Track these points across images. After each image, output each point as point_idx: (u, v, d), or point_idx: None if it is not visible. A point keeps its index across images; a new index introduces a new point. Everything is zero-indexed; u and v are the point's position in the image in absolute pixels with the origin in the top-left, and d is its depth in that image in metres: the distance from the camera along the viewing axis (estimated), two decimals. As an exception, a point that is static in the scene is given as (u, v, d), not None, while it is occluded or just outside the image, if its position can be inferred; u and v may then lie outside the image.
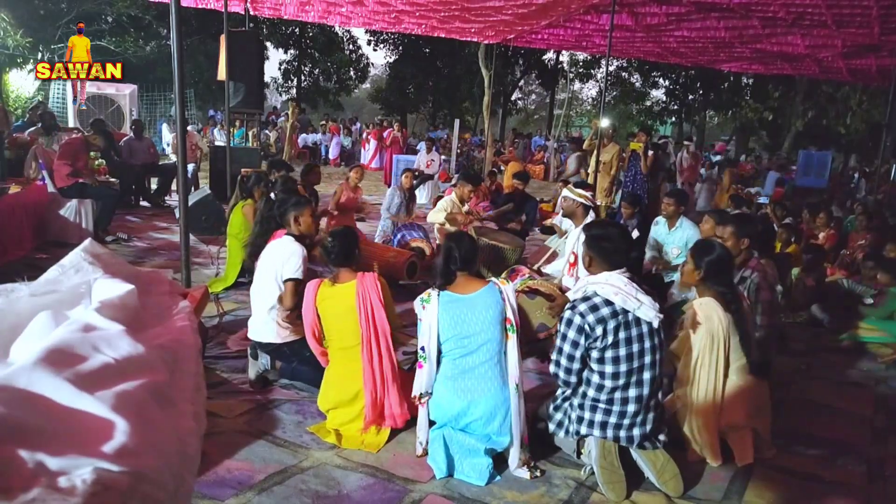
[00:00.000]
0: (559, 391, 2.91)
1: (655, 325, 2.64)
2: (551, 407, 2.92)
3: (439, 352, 2.83)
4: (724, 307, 2.96)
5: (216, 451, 2.71)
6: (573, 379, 2.73)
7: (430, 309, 2.82)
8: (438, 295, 2.83)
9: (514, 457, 2.76)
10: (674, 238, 5.17)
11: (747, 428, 3.03)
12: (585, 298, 2.68)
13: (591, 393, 2.72)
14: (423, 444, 2.86)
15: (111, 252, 1.33)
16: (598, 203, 8.24)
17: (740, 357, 3.02)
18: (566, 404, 2.85)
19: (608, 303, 2.63)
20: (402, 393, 3.01)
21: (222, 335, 4.07)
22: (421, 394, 2.85)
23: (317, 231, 3.99)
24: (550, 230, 7.11)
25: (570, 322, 2.67)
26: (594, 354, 2.66)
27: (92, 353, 0.84)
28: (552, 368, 2.79)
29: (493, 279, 2.93)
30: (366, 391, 2.98)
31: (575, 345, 2.66)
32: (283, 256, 3.45)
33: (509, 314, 2.82)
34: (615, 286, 2.64)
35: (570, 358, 2.69)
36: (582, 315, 2.63)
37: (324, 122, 22.16)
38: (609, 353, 2.64)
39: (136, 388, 0.79)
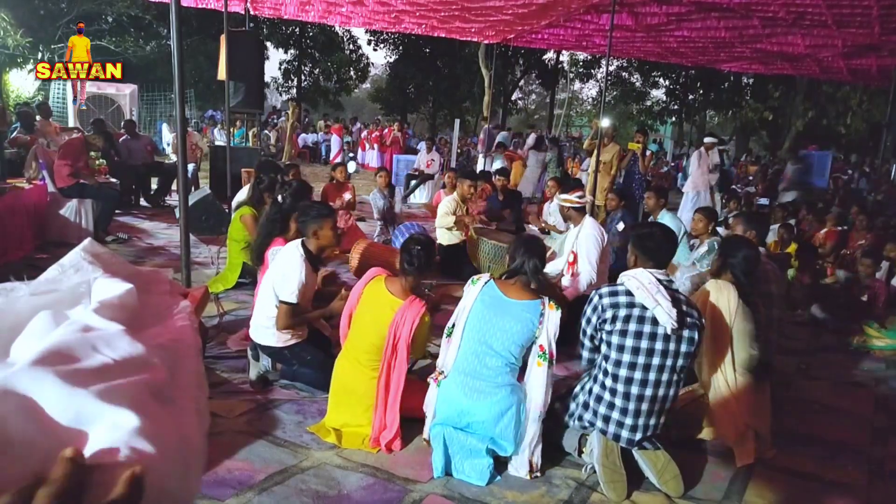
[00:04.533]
0: (581, 380, 3.01)
1: (668, 330, 2.64)
2: (569, 395, 3.00)
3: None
4: (738, 293, 3.06)
5: (216, 451, 2.71)
6: (587, 356, 2.92)
7: (472, 292, 2.83)
8: (486, 283, 2.84)
9: (515, 462, 2.76)
10: None
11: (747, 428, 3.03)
12: (611, 285, 2.84)
13: (600, 377, 2.79)
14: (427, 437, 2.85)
15: (111, 252, 1.33)
16: (599, 203, 8.30)
17: (742, 350, 3.03)
18: (580, 391, 2.92)
19: (629, 293, 2.73)
20: (398, 427, 2.90)
21: (222, 335, 4.06)
22: (442, 371, 2.83)
23: (337, 243, 3.83)
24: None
25: (590, 301, 2.85)
26: (603, 336, 2.77)
27: (91, 354, 0.84)
28: (579, 345, 2.97)
29: (545, 299, 2.79)
30: (376, 412, 2.91)
31: (588, 321, 2.83)
32: (283, 272, 3.29)
33: (542, 341, 2.71)
34: (640, 281, 2.71)
35: (584, 334, 2.88)
36: (600, 296, 2.79)
37: (327, 123, 22.15)
38: (615, 339, 2.70)
39: (136, 385, 0.79)
